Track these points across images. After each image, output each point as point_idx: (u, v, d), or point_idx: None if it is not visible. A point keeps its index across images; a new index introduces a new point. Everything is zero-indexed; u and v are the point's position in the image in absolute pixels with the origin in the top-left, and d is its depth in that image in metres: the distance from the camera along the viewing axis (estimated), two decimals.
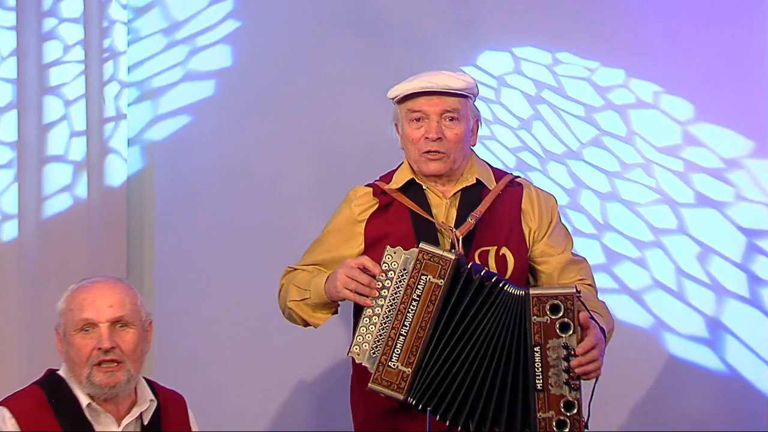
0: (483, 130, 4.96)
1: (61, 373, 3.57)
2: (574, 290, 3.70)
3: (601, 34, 5.52)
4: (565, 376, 3.71)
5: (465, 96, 3.99)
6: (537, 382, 3.72)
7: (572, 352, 3.71)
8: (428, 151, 3.92)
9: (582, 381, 3.73)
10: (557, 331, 3.71)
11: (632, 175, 5.45)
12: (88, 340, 3.53)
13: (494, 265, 3.91)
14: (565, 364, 3.72)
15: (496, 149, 5.20)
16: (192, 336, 5.23)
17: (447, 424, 3.73)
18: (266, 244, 5.28)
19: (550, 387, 3.72)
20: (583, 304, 3.75)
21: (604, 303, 3.96)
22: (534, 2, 5.52)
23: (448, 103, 3.95)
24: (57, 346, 3.66)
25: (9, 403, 3.54)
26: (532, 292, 3.70)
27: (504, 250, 4.00)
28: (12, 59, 5.42)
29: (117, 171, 5.52)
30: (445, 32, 5.47)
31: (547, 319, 3.71)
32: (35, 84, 5.51)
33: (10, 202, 5.49)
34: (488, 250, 3.97)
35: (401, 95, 3.96)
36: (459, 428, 3.71)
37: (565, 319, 3.69)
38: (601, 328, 3.77)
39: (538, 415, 3.71)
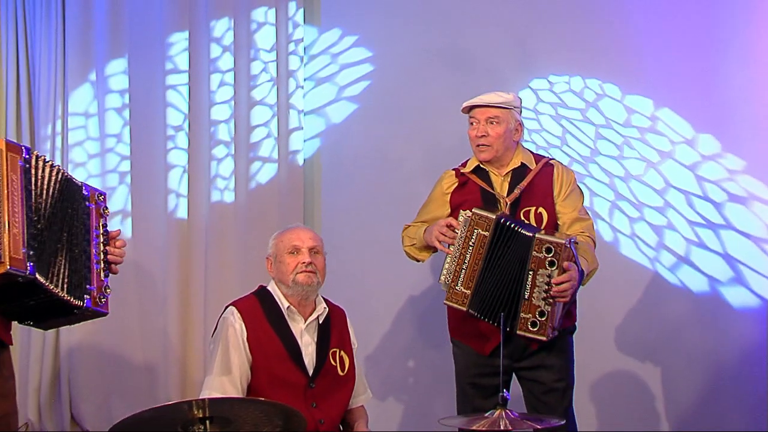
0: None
1: (268, 287, 3.94)
2: (565, 242, 3.94)
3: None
4: (543, 294, 3.96)
5: (503, 107, 4.25)
6: (525, 293, 3.98)
7: (551, 281, 3.96)
8: (478, 145, 4.24)
9: (555, 301, 3.99)
10: (546, 264, 3.95)
11: (626, 153, 5.53)
12: (295, 258, 3.85)
13: (534, 219, 4.19)
14: (546, 287, 3.95)
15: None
16: (344, 265, 5.39)
17: (487, 320, 4.04)
18: (393, 204, 5.54)
19: (533, 299, 3.98)
20: (575, 253, 3.99)
21: (594, 255, 4.20)
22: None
23: (491, 112, 4.23)
24: (267, 269, 3.96)
25: (236, 303, 3.91)
26: (537, 235, 3.96)
27: (540, 209, 4.22)
28: (229, 87, 5.93)
29: (298, 156, 5.91)
30: (505, 66, 5.65)
31: (542, 255, 3.95)
32: (245, 100, 5.93)
33: (230, 179, 5.98)
34: (530, 210, 4.22)
35: (465, 107, 4.33)
36: (495, 324, 3.98)
37: (553, 259, 3.94)
38: (581, 271, 4.02)
39: (521, 314, 3.99)
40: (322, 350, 3.85)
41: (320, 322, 3.88)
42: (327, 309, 3.91)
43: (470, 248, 4.03)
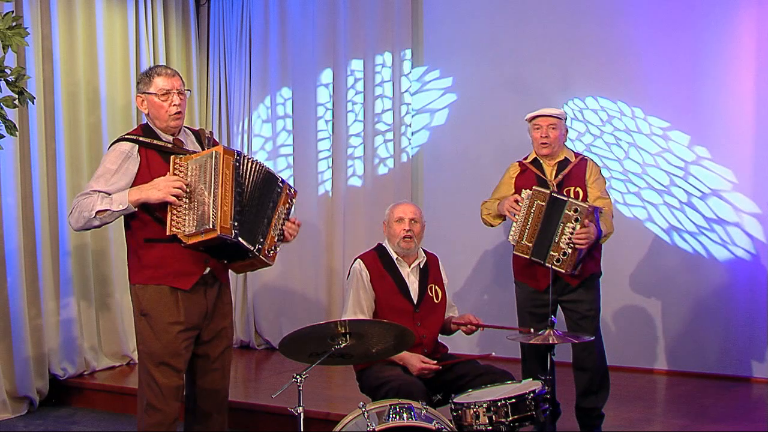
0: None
1: (384, 244, 3.98)
2: (587, 206, 4.05)
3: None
4: (567, 241, 3.99)
5: (559, 118, 4.30)
6: (555, 238, 4.03)
7: (574, 232, 4.00)
8: (542, 143, 4.26)
9: (576, 247, 4.00)
10: (572, 220, 4.01)
11: (626, 147, 5.53)
12: (399, 226, 3.86)
13: (572, 195, 4.21)
14: (569, 236, 3.99)
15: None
16: (439, 230, 5.48)
17: (540, 261, 4.08)
18: (472, 188, 5.53)
19: (560, 243, 4.02)
20: (597, 217, 4.07)
21: (611, 222, 4.20)
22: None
23: (551, 121, 4.28)
24: (383, 230, 3.99)
25: (361, 257, 3.97)
26: (569, 200, 4.07)
27: (578, 189, 4.24)
28: (354, 111, 6.19)
29: (407, 155, 6.09)
30: (551, 90, 5.71)
31: (570, 213, 4.02)
32: (371, 117, 6.18)
33: (361, 170, 6.24)
34: (570, 189, 4.25)
35: (530, 117, 4.38)
36: (538, 262, 4.03)
37: (577, 216, 4.01)
38: (600, 230, 4.10)
39: (551, 252, 4.04)
40: (422, 286, 3.86)
41: (421, 266, 3.93)
42: (426, 257, 3.97)
43: (531, 214, 4.11)
